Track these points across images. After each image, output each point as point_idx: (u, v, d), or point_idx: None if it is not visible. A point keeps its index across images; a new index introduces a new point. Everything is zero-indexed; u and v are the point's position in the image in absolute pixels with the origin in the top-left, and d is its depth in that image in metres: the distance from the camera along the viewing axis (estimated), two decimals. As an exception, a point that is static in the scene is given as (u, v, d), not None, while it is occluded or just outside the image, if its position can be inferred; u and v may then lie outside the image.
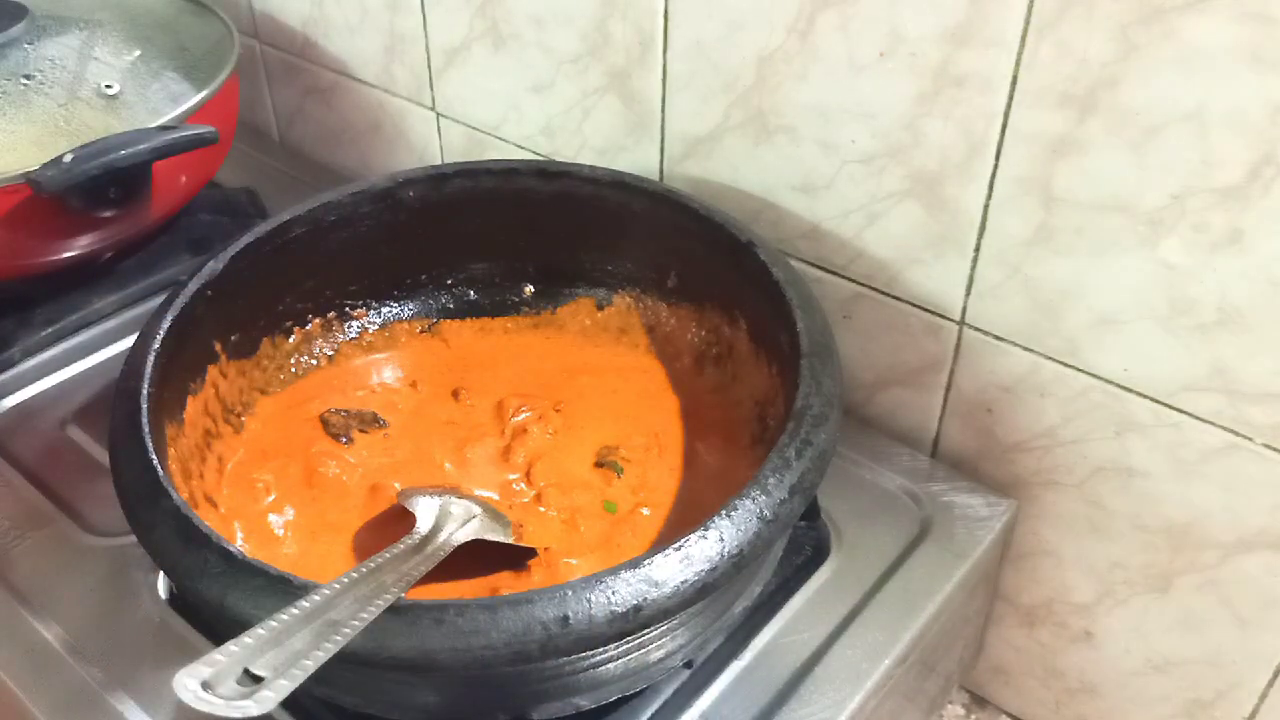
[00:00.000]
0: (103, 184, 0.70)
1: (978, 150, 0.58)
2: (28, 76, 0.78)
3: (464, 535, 0.54)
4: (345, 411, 0.65)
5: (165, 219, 0.81)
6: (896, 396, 0.70)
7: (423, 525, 0.53)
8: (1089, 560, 0.66)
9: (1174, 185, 0.52)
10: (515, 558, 0.56)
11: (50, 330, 0.77)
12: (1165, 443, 0.59)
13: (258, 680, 0.35)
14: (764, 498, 0.47)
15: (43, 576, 0.60)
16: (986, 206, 0.59)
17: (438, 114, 0.87)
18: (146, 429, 0.51)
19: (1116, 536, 0.64)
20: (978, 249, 0.61)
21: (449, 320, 0.72)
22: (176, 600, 0.59)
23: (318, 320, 0.69)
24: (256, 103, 1.03)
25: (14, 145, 0.75)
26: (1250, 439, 0.56)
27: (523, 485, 0.61)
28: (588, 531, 0.58)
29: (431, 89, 0.85)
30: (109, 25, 0.84)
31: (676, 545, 0.45)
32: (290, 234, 0.64)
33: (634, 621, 0.44)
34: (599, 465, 0.62)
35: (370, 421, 0.65)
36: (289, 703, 0.36)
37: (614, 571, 0.44)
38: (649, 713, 0.54)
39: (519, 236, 0.70)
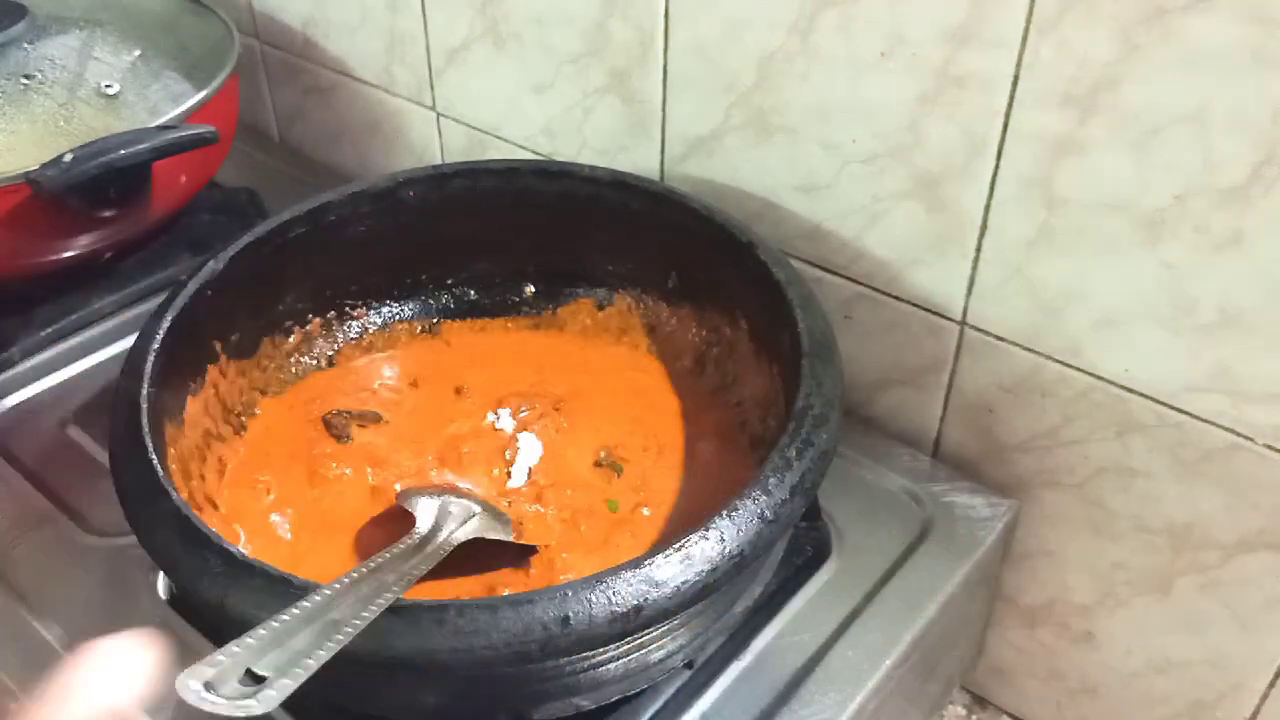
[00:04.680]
0: (103, 184, 0.70)
1: (979, 150, 0.58)
2: (28, 76, 0.78)
3: (464, 534, 0.54)
4: (347, 412, 0.65)
5: (165, 219, 0.81)
6: (897, 397, 0.70)
7: (423, 525, 0.53)
8: (1090, 561, 0.66)
9: (1175, 186, 0.52)
10: (515, 555, 0.56)
11: (50, 330, 0.76)
12: (1167, 443, 0.59)
13: (260, 680, 0.35)
14: (765, 498, 0.47)
15: (43, 576, 0.60)
16: (988, 207, 0.59)
17: (438, 114, 0.87)
18: (146, 429, 0.51)
19: (1118, 537, 0.64)
20: (979, 249, 0.61)
21: (449, 320, 0.72)
22: (177, 600, 0.59)
23: (318, 320, 0.69)
24: (256, 103, 1.03)
25: (14, 145, 0.75)
26: (1252, 439, 0.56)
27: (523, 485, 0.61)
28: (588, 531, 0.58)
29: (432, 89, 0.85)
30: (109, 25, 0.84)
31: (677, 545, 0.45)
32: (290, 234, 0.64)
33: (634, 622, 0.44)
34: (598, 465, 0.62)
35: (371, 421, 0.65)
36: (290, 703, 0.36)
37: (614, 571, 0.44)
38: (649, 713, 0.54)
39: (519, 236, 0.70)
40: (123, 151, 0.69)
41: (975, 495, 0.65)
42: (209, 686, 0.34)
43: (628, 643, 0.47)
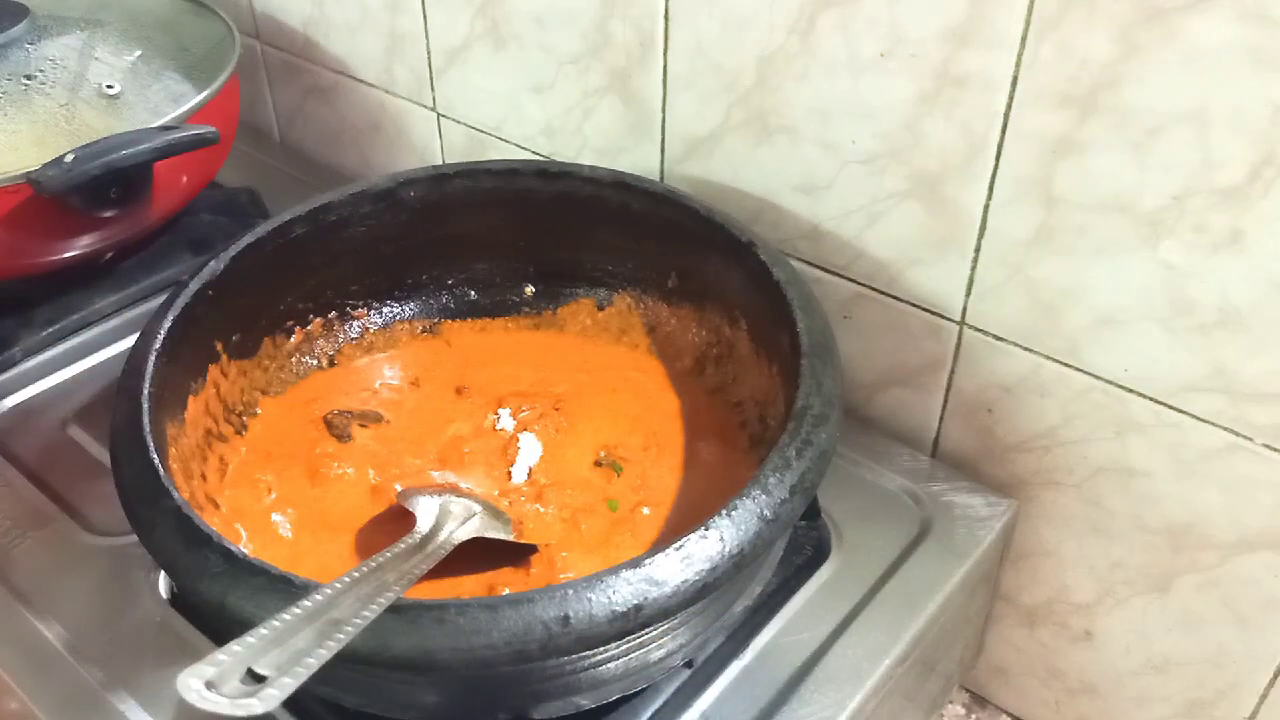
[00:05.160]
0: (104, 184, 0.70)
1: (978, 150, 0.58)
2: (29, 76, 0.78)
3: (464, 533, 0.54)
4: (348, 412, 0.65)
5: (166, 219, 0.81)
6: (897, 397, 0.70)
7: (423, 524, 0.53)
8: (1089, 560, 0.66)
9: (1175, 186, 0.52)
10: (516, 554, 0.56)
11: (51, 330, 0.77)
12: (1166, 443, 0.59)
13: (261, 679, 0.36)
14: (764, 497, 0.47)
15: (44, 576, 0.60)
16: (987, 207, 0.59)
17: (438, 114, 0.87)
18: (148, 428, 0.51)
19: (1117, 536, 0.64)
20: (978, 249, 0.61)
21: (450, 320, 0.72)
22: (177, 600, 0.59)
23: (319, 320, 0.69)
24: (257, 103, 1.03)
25: (15, 145, 0.75)
26: (1250, 439, 0.56)
27: (523, 484, 0.61)
28: (588, 530, 0.58)
29: (432, 89, 0.85)
30: (110, 25, 0.84)
31: (677, 545, 0.45)
32: (291, 234, 0.64)
33: (634, 621, 0.44)
34: (598, 464, 0.62)
35: (373, 421, 0.65)
36: (290, 702, 0.36)
37: (614, 571, 0.44)
38: (649, 712, 0.54)
39: (519, 236, 0.70)
40: (124, 152, 0.69)
41: (974, 495, 0.65)
42: (210, 685, 0.34)
43: (628, 642, 0.48)
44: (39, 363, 0.75)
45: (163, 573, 0.60)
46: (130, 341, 0.57)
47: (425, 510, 0.54)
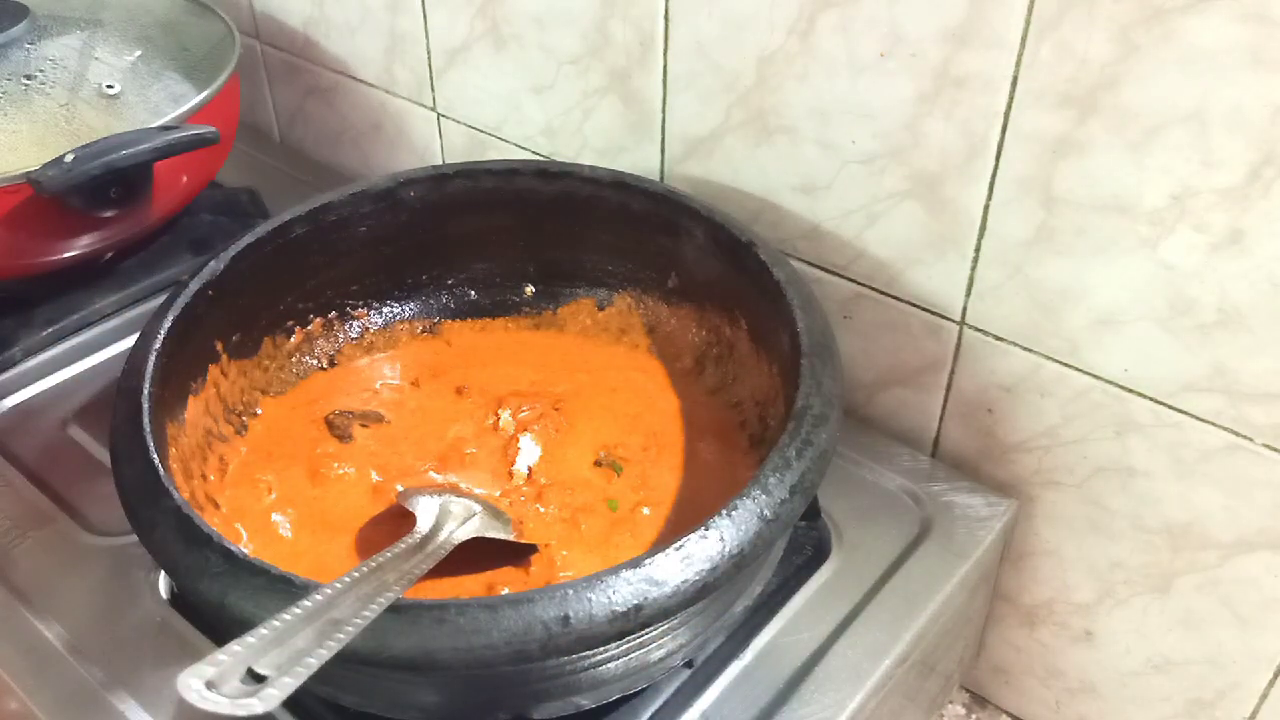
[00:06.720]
0: (104, 184, 0.70)
1: (978, 151, 0.58)
2: (29, 76, 0.78)
3: (465, 533, 0.54)
4: (349, 412, 0.65)
5: (166, 219, 0.81)
6: (897, 396, 0.70)
7: (423, 524, 0.53)
8: (1089, 560, 0.66)
9: (1174, 186, 0.53)
10: (516, 554, 0.56)
11: (51, 330, 0.77)
12: (1165, 443, 0.59)
13: (261, 679, 0.36)
14: (764, 497, 0.47)
15: (44, 576, 0.60)
16: (987, 207, 0.59)
17: (438, 114, 0.87)
18: (148, 428, 0.51)
19: (1117, 536, 0.64)
20: (978, 249, 0.61)
21: (450, 320, 0.72)
22: (177, 600, 0.59)
23: (319, 320, 0.69)
24: (257, 103, 1.03)
25: (15, 145, 0.75)
26: (1250, 439, 0.56)
27: (523, 484, 0.61)
28: (588, 530, 0.58)
29: (432, 89, 0.85)
30: (110, 25, 0.84)
31: (677, 545, 0.45)
32: (291, 234, 0.64)
33: (634, 621, 0.44)
34: (598, 464, 0.62)
35: (374, 421, 0.65)
36: (290, 702, 0.36)
37: (614, 571, 0.44)
38: (649, 712, 0.54)
39: (519, 236, 0.70)
40: (124, 152, 0.69)
41: (974, 495, 0.65)
42: (210, 685, 0.34)
43: (628, 642, 0.48)
44: (39, 363, 0.75)
45: (163, 573, 0.60)
46: (130, 341, 0.57)
47: (425, 510, 0.54)
